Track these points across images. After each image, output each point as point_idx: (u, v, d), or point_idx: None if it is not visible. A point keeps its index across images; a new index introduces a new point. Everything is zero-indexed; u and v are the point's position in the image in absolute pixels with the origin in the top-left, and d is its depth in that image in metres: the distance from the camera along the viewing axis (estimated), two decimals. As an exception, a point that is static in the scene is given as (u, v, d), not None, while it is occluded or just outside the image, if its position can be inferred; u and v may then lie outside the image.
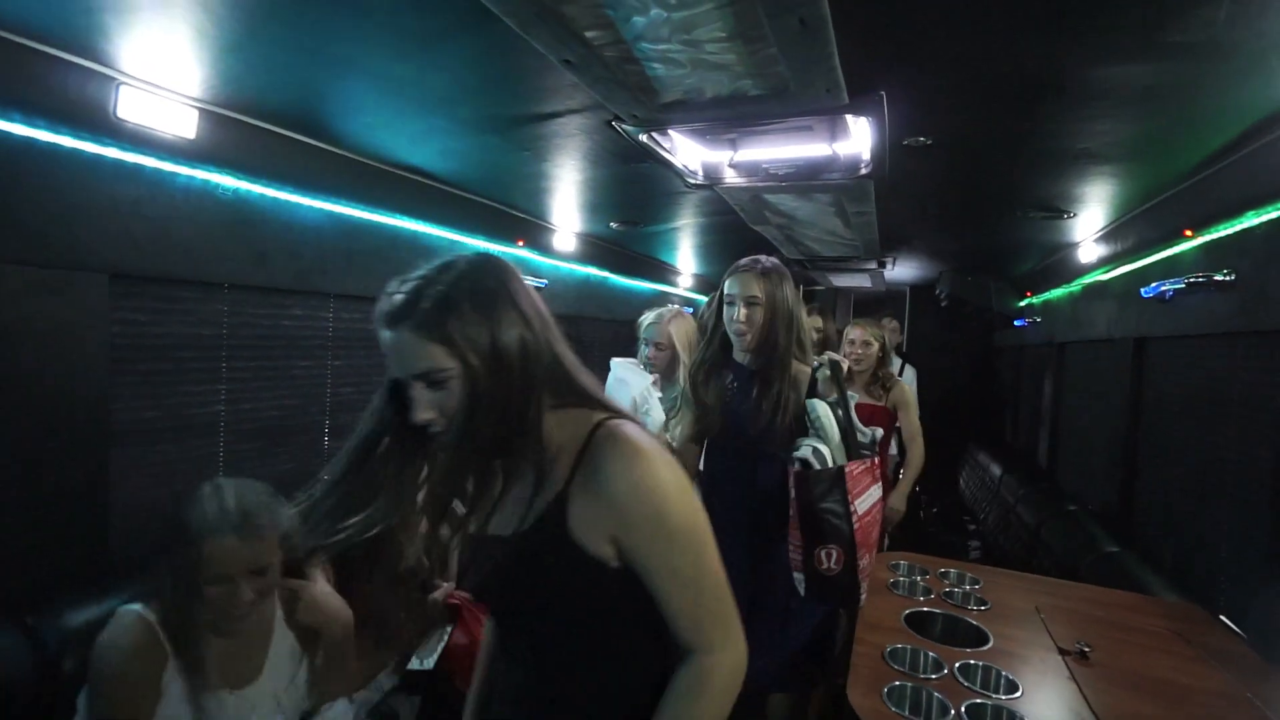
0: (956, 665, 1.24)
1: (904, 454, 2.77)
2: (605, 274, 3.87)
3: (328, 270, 2.03)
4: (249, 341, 1.86)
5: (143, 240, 1.53)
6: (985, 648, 1.35)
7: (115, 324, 1.52)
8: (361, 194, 2.07)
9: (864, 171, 2.15)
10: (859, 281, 5.42)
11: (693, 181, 2.37)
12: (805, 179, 2.29)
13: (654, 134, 1.98)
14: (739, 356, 1.77)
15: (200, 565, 1.12)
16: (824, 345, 2.82)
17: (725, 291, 1.76)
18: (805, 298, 5.52)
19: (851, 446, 1.49)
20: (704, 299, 5.55)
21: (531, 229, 2.96)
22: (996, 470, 3.92)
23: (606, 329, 4.11)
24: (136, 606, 1.15)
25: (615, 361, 2.56)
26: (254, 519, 1.16)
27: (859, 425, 1.55)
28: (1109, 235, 2.48)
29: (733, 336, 1.73)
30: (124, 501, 1.54)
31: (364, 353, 2.25)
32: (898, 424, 2.73)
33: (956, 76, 1.39)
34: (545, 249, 3.12)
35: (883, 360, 2.73)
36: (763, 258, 1.79)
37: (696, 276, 5.11)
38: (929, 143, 1.78)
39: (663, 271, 4.54)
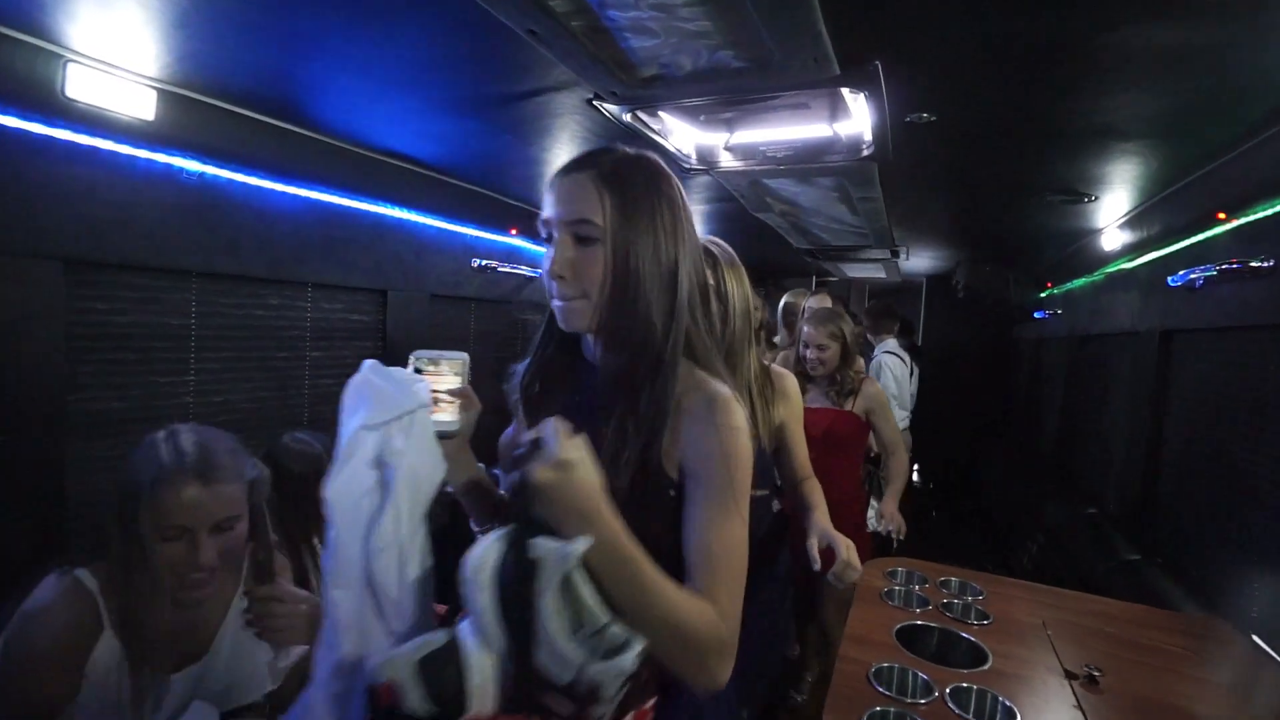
0: (949, 689, 1.14)
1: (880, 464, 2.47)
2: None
3: (305, 259, 1.97)
4: (220, 331, 1.80)
5: (100, 226, 1.47)
6: (983, 668, 1.23)
7: (73, 312, 1.47)
8: (339, 180, 2.00)
9: (866, 153, 2.02)
10: (873, 272, 5.25)
11: (687, 166, 2.27)
12: (805, 162, 2.17)
13: (640, 114, 1.88)
14: None
15: (154, 518, 0.93)
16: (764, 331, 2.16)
17: None
18: (817, 288, 5.38)
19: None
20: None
21: (525, 217, 2.87)
22: (1011, 469, 3.76)
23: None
24: (75, 570, 0.97)
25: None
26: (217, 462, 0.99)
27: None
28: (1134, 220, 2.32)
29: None
30: (83, 495, 1.49)
31: (345, 344, 2.19)
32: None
33: (959, 43, 1.26)
34: (540, 235, 3.03)
35: (845, 359, 2.25)
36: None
37: (704, 267, 4.98)
38: (933, 119, 1.65)
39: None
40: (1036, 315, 3.90)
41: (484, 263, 2.69)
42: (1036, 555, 2.79)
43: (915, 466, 4.18)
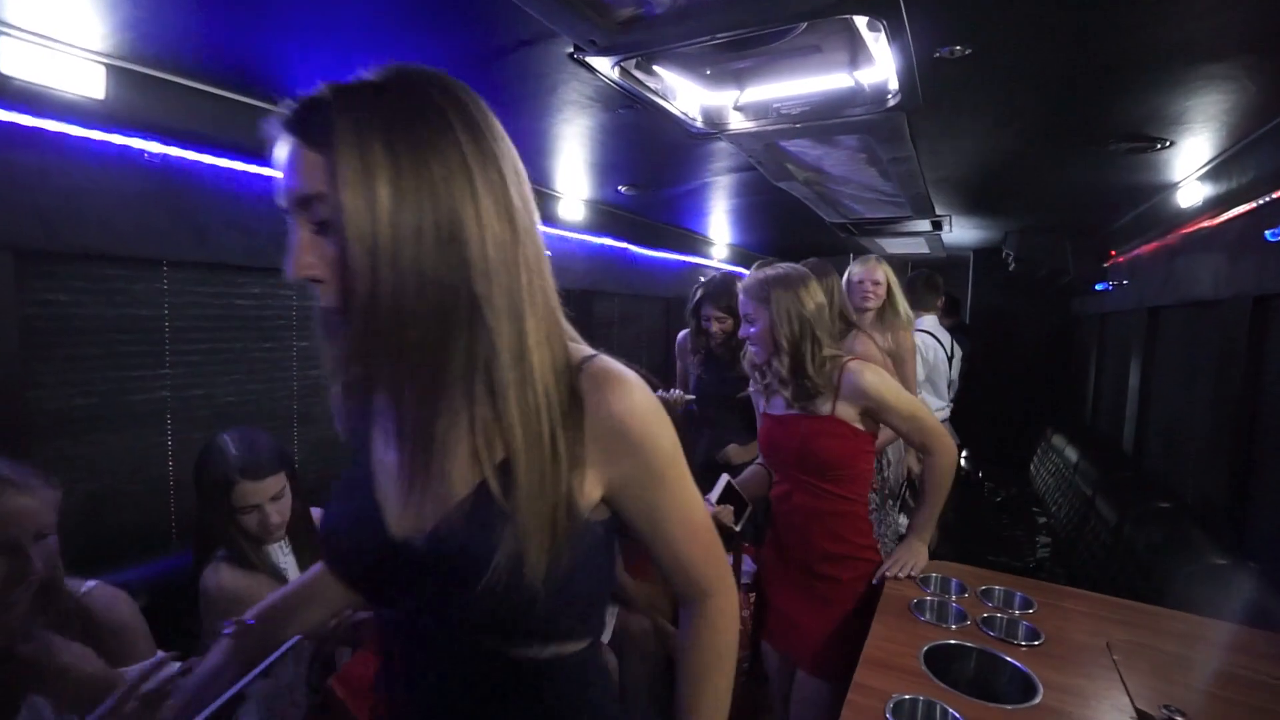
0: (985, 732, 0.93)
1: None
2: (625, 245, 3.59)
3: (285, 245, 1.86)
4: (197, 323, 1.72)
5: (53, 213, 1.39)
6: (1031, 704, 1.02)
7: (29, 305, 1.40)
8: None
9: (892, 103, 1.77)
10: (914, 247, 4.89)
11: (695, 130, 2.06)
12: (823, 118, 1.94)
13: (634, 71, 1.69)
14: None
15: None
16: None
17: None
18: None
19: None
20: (744, 271, 5.18)
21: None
22: (1072, 455, 3.41)
23: (629, 304, 3.85)
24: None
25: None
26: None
27: None
28: (1220, 168, 1.99)
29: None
30: (48, 497, 1.43)
31: (335, 334, 2.09)
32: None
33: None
34: (550, 218, 2.88)
35: (797, 346, 1.59)
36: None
37: (731, 247, 4.75)
38: (967, 53, 1.40)
39: (692, 242, 4.21)
40: (1098, 287, 3.51)
41: (485, 246, 2.55)
42: (1100, 553, 2.48)
43: (964, 453, 3.87)
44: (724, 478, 1.66)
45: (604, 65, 1.58)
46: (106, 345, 1.54)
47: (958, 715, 0.97)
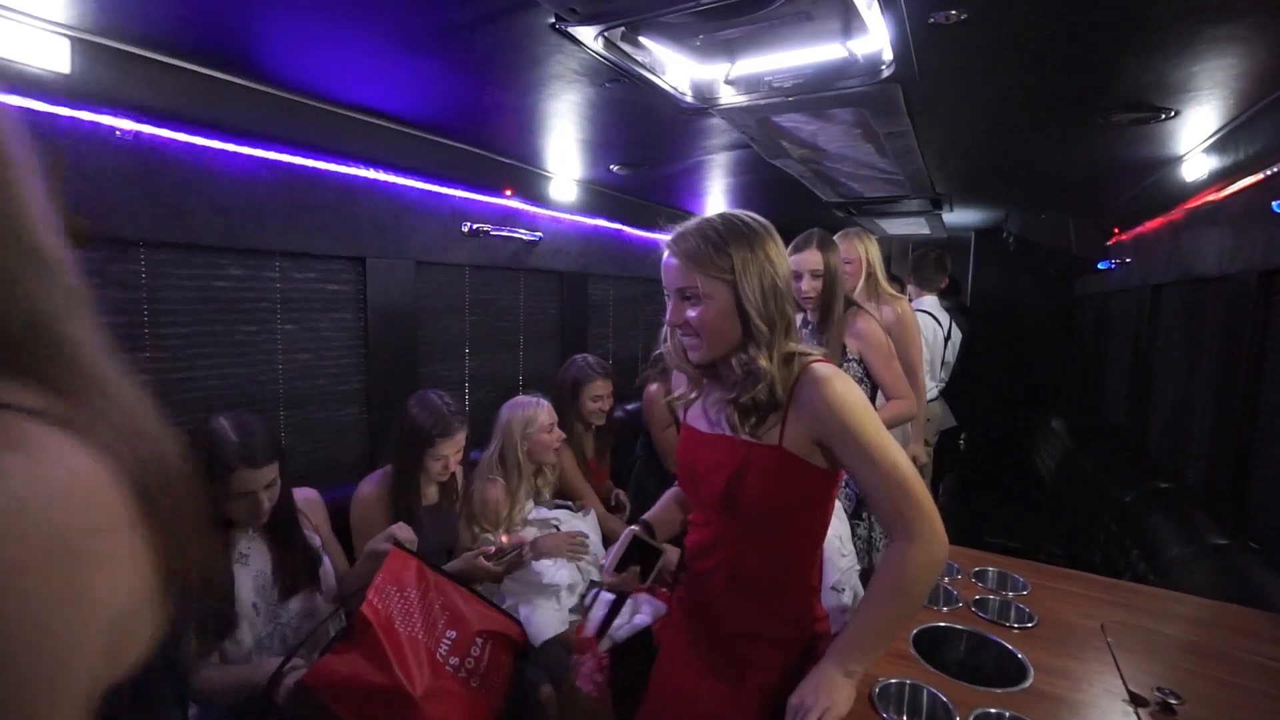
0: (974, 715, 0.91)
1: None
2: (618, 227, 3.54)
3: (265, 225, 1.83)
4: (176, 305, 1.69)
5: (20, 192, 1.36)
6: (1021, 687, 0.99)
7: (-2, 288, 1.36)
8: (297, 138, 1.84)
9: (886, 74, 1.72)
10: (915, 228, 4.82)
11: (684, 105, 2.01)
12: (815, 90, 1.88)
13: (616, 40, 1.64)
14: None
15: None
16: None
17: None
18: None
19: None
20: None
21: (520, 176, 2.67)
22: (1073, 436, 3.38)
23: (623, 286, 3.81)
24: None
25: None
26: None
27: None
28: (1225, 139, 1.92)
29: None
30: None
31: (321, 315, 2.06)
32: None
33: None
34: (540, 199, 2.83)
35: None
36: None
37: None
38: (963, 17, 1.34)
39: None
40: (1101, 266, 3.45)
41: (475, 226, 2.51)
42: (1098, 535, 2.46)
43: (962, 436, 3.84)
44: (628, 533, 1.18)
45: (587, 36, 1.53)
46: (82, 329, 1.50)
47: (945, 699, 0.94)
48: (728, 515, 1.05)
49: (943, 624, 1.16)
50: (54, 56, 1.33)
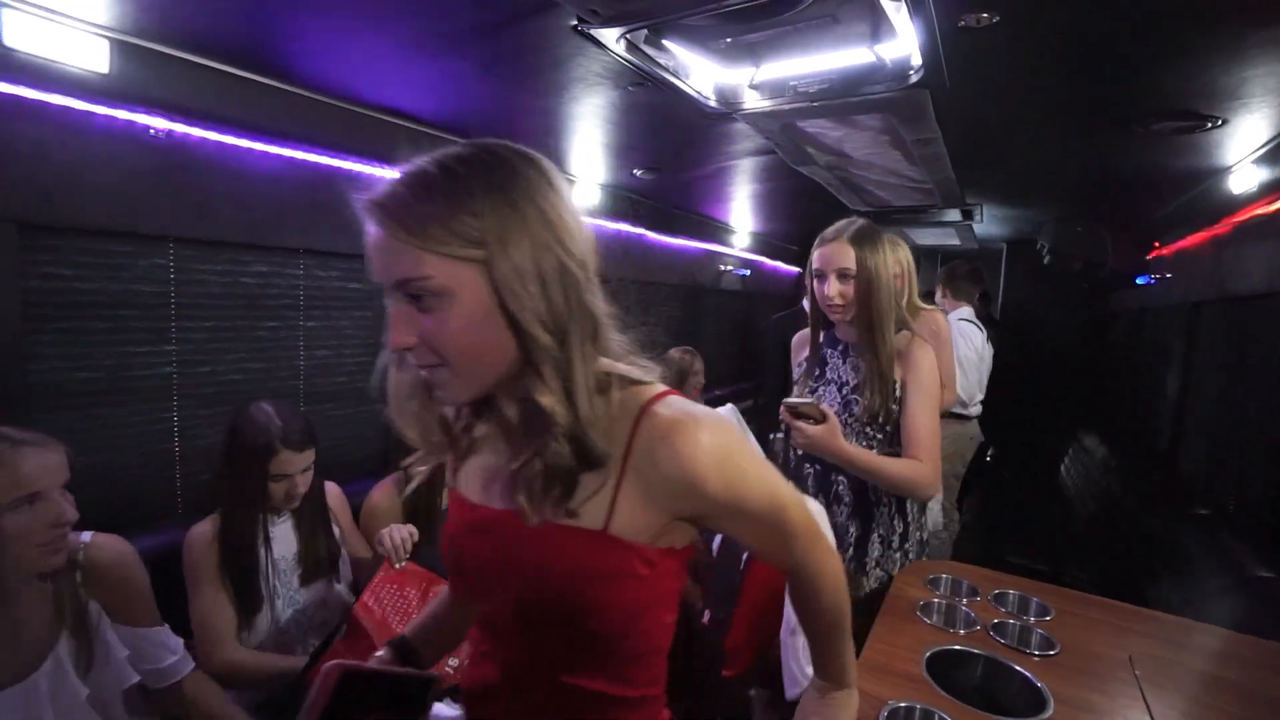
0: (986, 746, 0.87)
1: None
2: (640, 231, 3.53)
3: (289, 223, 1.86)
4: (201, 300, 1.72)
5: (56, 188, 1.40)
6: (1040, 718, 0.95)
7: (32, 278, 1.41)
8: (323, 138, 1.86)
9: (914, 79, 1.68)
10: (944, 239, 4.73)
11: (709, 109, 1.99)
12: (841, 95, 1.84)
13: (639, 44, 1.63)
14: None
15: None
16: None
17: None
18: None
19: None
20: (764, 261, 5.07)
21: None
22: (1105, 456, 3.25)
23: (646, 291, 3.79)
24: None
25: None
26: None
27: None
28: (1278, 149, 1.83)
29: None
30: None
31: (342, 313, 2.09)
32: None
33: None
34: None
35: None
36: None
37: (754, 235, 4.64)
38: (995, 20, 1.30)
39: (711, 229, 4.13)
40: (1139, 281, 3.32)
41: (497, 229, 2.52)
42: (1129, 561, 2.36)
43: (989, 452, 3.73)
44: (330, 668, 0.69)
45: (610, 38, 1.53)
46: (111, 320, 1.55)
47: (957, 726, 0.90)
48: (524, 638, 0.67)
49: (958, 647, 1.12)
50: (94, 57, 1.38)
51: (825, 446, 1.40)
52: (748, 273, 4.74)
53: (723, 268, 4.52)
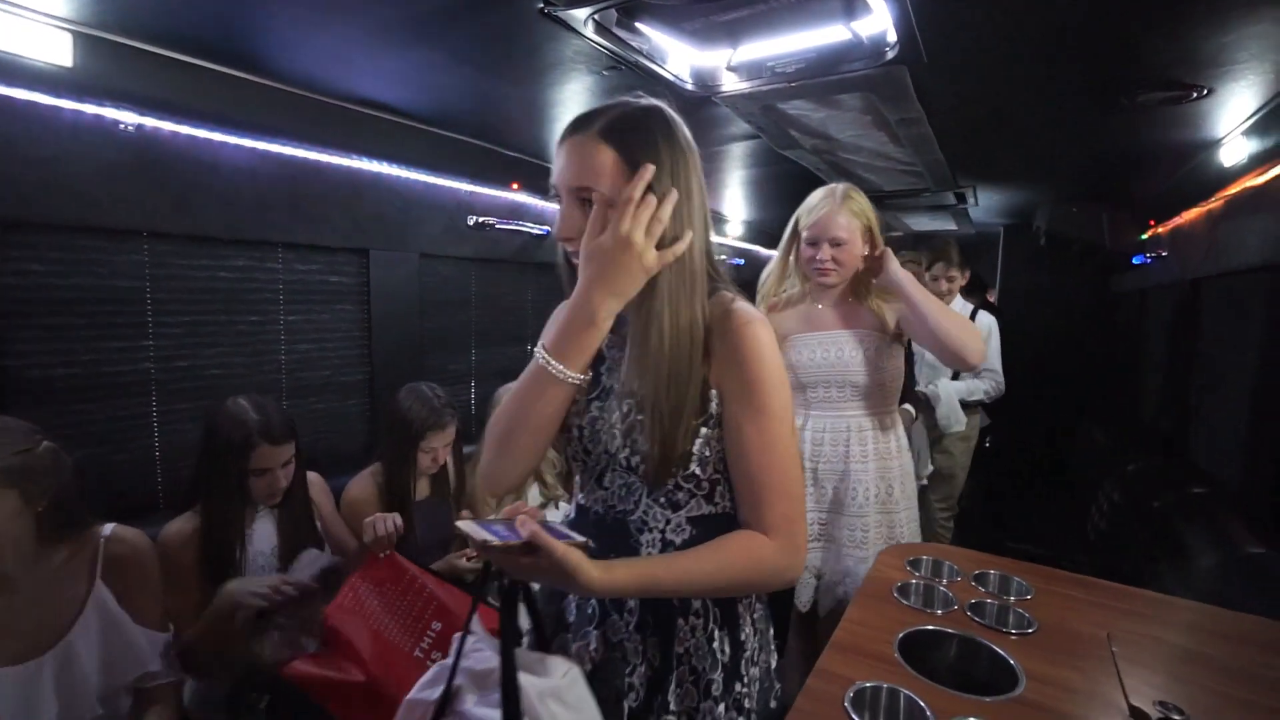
0: (952, 724, 0.85)
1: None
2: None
3: (269, 217, 1.85)
4: (179, 295, 1.72)
5: (24, 183, 1.40)
6: (1010, 695, 0.93)
7: (7, 274, 1.41)
8: (299, 131, 1.86)
9: (891, 55, 1.65)
10: (940, 224, 4.68)
11: (687, 93, 1.97)
12: (819, 75, 1.82)
13: (610, 26, 1.61)
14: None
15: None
16: None
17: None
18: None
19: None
20: (760, 250, 5.03)
21: (528, 169, 2.66)
22: (1107, 439, 3.22)
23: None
24: None
25: None
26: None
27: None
28: (1269, 118, 1.79)
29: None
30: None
31: (324, 307, 2.08)
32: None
33: None
34: (548, 192, 2.81)
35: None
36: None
37: (747, 224, 4.61)
38: (968, -12, 1.27)
39: (703, 220, 4.09)
40: (1136, 260, 3.27)
41: (481, 220, 2.51)
42: (1128, 541, 2.33)
43: (987, 440, 3.69)
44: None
45: (578, 20, 1.51)
46: (88, 316, 1.55)
47: (923, 705, 0.88)
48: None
49: (931, 627, 1.10)
50: (56, 50, 1.37)
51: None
52: (742, 262, 4.71)
53: (718, 257, 4.49)
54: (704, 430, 0.83)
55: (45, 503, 1.06)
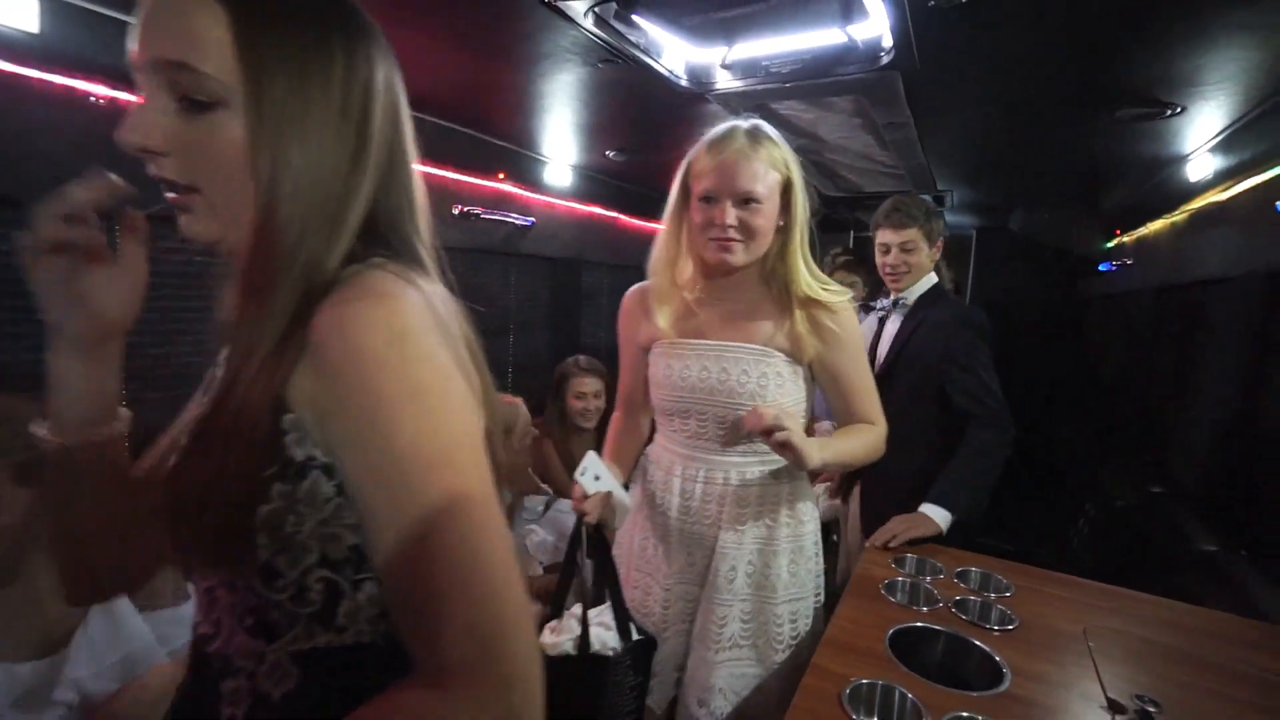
0: (945, 719, 0.88)
1: None
2: (614, 214, 3.49)
3: (247, 201, 1.79)
4: (154, 279, 1.64)
5: (-8, 157, 1.32)
6: (997, 690, 0.97)
7: (-30, 254, 1.34)
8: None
9: (885, 60, 1.67)
10: (917, 225, 4.77)
11: (680, 89, 1.96)
12: (813, 76, 1.83)
13: (609, 18, 1.59)
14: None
15: None
16: None
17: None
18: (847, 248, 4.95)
19: None
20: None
21: (514, 159, 2.63)
22: (1073, 439, 3.35)
23: (618, 275, 3.77)
24: None
25: None
26: None
27: None
28: (1234, 137, 1.88)
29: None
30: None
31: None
32: None
33: None
34: (535, 184, 2.79)
35: None
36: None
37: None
38: (964, 1, 1.29)
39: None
40: (1102, 268, 3.40)
41: (466, 209, 2.47)
42: (1096, 542, 2.43)
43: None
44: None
45: (578, 12, 1.49)
46: (53, 299, 1.47)
47: (917, 700, 0.91)
48: None
49: (920, 624, 1.13)
50: (22, 15, 1.29)
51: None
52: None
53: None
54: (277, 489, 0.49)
55: None
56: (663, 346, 1.24)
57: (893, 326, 1.99)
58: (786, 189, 1.16)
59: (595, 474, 1.15)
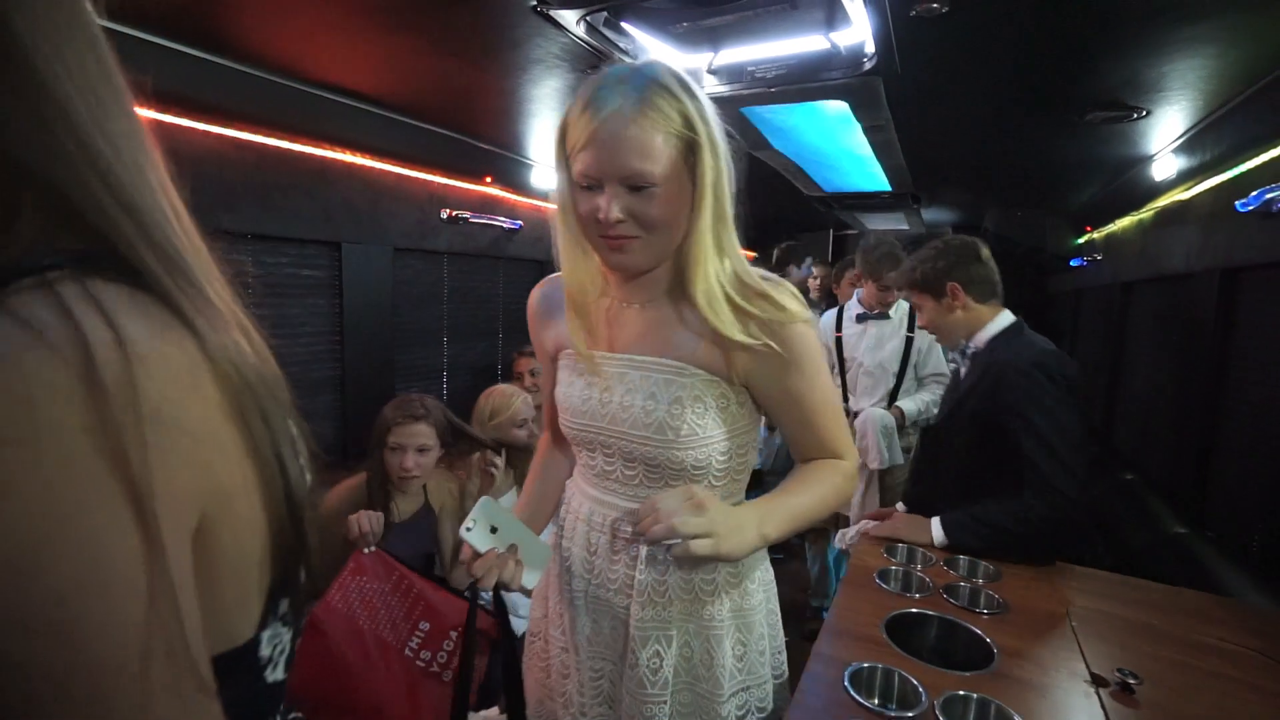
0: (941, 699, 0.92)
1: None
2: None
3: (235, 207, 1.78)
4: (140, 289, 1.63)
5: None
6: (987, 670, 1.02)
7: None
8: (272, 117, 1.79)
9: (868, 66, 1.72)
10: (895, 224, 4.88)
11: (667, 94, 1.99)
12: (798, 82, 1.88)
13: (599, 25, 1.62)
14: None
15: None
16: None
17: None
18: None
19: None
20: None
21: (501, 163, 2.63)
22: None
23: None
24: None
25: None
26: None
27: None
28: (1195, 139, 1.97)
29: None
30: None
31: (295, 300, 2.01)
32: None
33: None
34: (520, 187, 2.80)
35: None
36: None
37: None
38: (944, 10, 1.35)
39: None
40: (1073, 263, 3.52)
41: (454, 213, 2.47)
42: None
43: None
44: None
45: (569, 20, 1.51)
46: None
47: (915, 682, 0.96)
48: None
49: (914, 610, 1.18)
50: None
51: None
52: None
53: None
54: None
55: None
56: (566, 359, 0.95)
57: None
58: (691, 152, 0.79)
59: (491, 524, 0.85)
